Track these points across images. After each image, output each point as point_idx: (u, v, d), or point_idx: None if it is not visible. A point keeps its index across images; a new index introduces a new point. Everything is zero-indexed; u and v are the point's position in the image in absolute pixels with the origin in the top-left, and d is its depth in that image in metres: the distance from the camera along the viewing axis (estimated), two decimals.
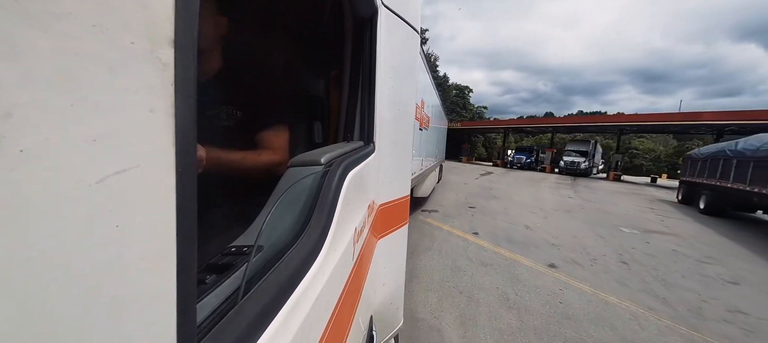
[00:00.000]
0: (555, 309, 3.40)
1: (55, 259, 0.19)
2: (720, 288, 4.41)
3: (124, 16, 0.22)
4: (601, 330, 3.03)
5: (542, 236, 6.33)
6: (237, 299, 0.42)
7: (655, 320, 3.35)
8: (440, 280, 3.94)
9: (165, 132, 0.26)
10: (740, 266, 5.48)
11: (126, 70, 0.23)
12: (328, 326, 0.66)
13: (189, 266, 0.29)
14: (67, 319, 0.20)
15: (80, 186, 0.21)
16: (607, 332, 3.02)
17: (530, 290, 3.80)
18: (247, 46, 1.15)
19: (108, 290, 0.23)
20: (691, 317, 3.46)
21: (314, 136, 1.23)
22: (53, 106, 0.19)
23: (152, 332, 0.26)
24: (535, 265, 4.68)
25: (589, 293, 3.88)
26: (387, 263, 1.45)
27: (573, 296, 3.75)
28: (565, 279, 4.25)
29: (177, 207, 0.27)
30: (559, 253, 5.34)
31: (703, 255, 5.94)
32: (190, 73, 0.28)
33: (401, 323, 1.65)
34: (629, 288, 4.12)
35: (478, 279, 4.03)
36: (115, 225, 0.23)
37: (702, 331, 3.19)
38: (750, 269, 5.36)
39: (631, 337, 2.97)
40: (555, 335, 2.89)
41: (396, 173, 1.46)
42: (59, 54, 0.19)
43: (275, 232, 0.62)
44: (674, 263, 5.36)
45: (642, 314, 3.45)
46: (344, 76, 1.21)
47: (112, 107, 0.22)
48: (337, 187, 0.77)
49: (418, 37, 1.51)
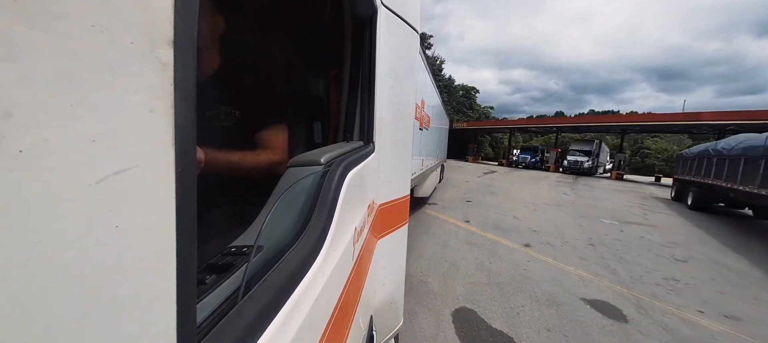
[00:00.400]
0: (519, 273, 4.25)
1: (54, 259, 0.19)
2: (667, 264, 5.15)
3: (123, 16, 0.22)
4: (551, 286, 3.91)
5: (527, 224, 7.08)
6: (237, 299, 0.42)
7: (598, 281, 4.20)
8: (431, 254, 4.78)
9: (165, 132, 0.26)
10: (697, 249, 6.17)
11: (125, 70, 0.23)
12: (328, 326, 0.66)
13: (189, 266, 0.29)
14: (66, 319, 0.20)
15: (80, 186, 0.21)
16: (555, 287, 3.89)
17: (503, 261, 4.67)
18: (247, 46, 1.15)
19: (108, 291, 0.23)
20: (629, 282, 4.26)
21: (314, 136, 1.23)
22: (53, 106, 0.19)
23: (152, 332, 0.26)
24: (512, 245, 5.51)
25: (552, 264, 4.71)
26: (387, 263, 1.45)
27: (537, 266, 4.58)
28: (535, 254, 5.07)
29: (177, 207, 0.27)
30: (537, 237, 6.12)
31: (668, 241, 6.59)
32: (189, 73, 0.28)
33: (401, 323, 1.65)
34: (587, 262, 4.92)
35: (463, 253, 4.89)
36: (115, 225, 0.23)
37: (632, 289, 4.01)
38: (704, 251, 6.04)
39: (573, 291, 3.85)
40: (513, 289, 3.79)
41: (396, 172, 1.46)
42: (59, 54, 0.19)
43: (275, 232, 0.62)
44: (637, 246, 6.05)
45: (589, 278, 4.27)
46: (344, 76, 1.21)
47: (111, 107, 0.22)
48: (336, 187, 0.77)
49: (418, 37, 1.51)
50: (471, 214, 7.81)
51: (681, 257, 5.65)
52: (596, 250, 5.59)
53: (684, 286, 4.32)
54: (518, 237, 5.98)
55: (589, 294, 3.80)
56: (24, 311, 0.18)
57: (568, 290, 3.84)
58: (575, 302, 3.58)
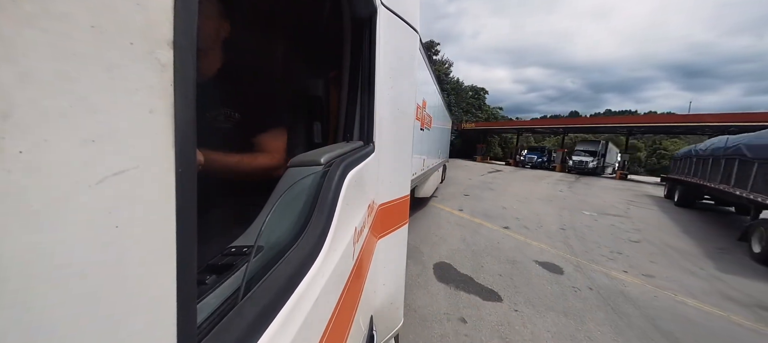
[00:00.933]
0: (492, 245, 5.50)
1: (54, 260, 0.19)
2: (620, 243, 6.14)
3: (122, 16, 0.22)
4: (513, 253, 5.15)
5: (513, 213, 8.15)
6: (237, 300, 0.42)
7: (554, 251, 5.40)
8: (426, 231, 6.05)
9: (164, 133, 0.26)
10: (655, 234, 7.04)
11: (125, 70, 0.23)
12: (329, 327, 0.66)
13: (189, 267, 0.29)
14: (67, 320, 0.20)
15: (80, 187, 0.21)
16: (517, 253, 5.16)
17: (482, 237, 5.92)
18: (246, 47, 1.15)
19: (108, 291, 0.23)
20: (580, 253, 5.39)
21: (314, 136, 1.23)
22: (52, 107, 0.19)
23: (153, 333, 0.26)
24: (494, 227, 6.75)
25: (521, 240, 5.91)
26: (387, 263, 1.45)
27: (508, 240, 5.86)
28: (510, 234, 6.29)
29: (177, 207, 0.27)
30: (518, 222, 7.27)
31: (633, 228, 7.47)
32: (189, 73, 0.28)
33: (401, 323, 1.65)
34: (552, 240, 6.06)
35: (451, 231, 6.16)
36: (115, 226, 0.23)
37: (578, 257, 5.16)
38: (661, 236, 6.90)
39: (530, 256, 5.06)
40: (484, 253, 5.04)
41: (396, 172, 1.46)
42: (58, 55, 0.19)
43: (275, 232, 0.62)
44: (602, 231, 7.03)
45: (547, 249, 5.47)
46: (344, 76, 1.21)
47: (111, 108, 0.22)
48: (336, 187, 0.77)
49: (418, 37, 1.51)
50: (466, 205, 8.90)
51: (636, 239, 6.58)
52: (565, 232, 6.67)
53: (624, 257, 5.37)
54: (501, 222, 7.16)
55: (542, 258, 4.98)
56: (24, 312, 0.18)
57: (526, 255, 5.08)
58: (528, 262, 4.78)
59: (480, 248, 5.22)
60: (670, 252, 5.83)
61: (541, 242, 5.85)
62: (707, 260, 5.56)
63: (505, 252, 5.11)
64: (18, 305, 0.18)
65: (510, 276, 4.22)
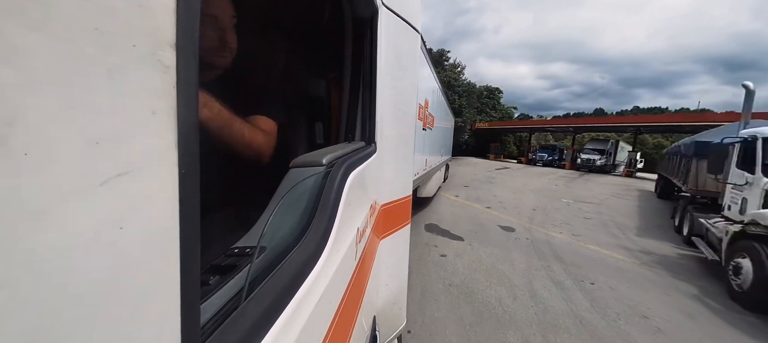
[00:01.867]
0: (472, 217, 7.41)
1: (58, 261, 0.20)
2: (574, 220, 7.59)
3: (125, 18, 0.22)
4: (485, 221, 7.06)
5: (500, 200, 9.69)
6: (240, 300, 0.42)
7: (516, 221, 7.18)
8: (424, 210, 7.65)
9: (167, 134, 0.26)
10: (611, 215, 8.30)
11: (128, 72, 0.23)
12: (331, 327, 0.66)
13: (192, 267, 0.29)
14: (71, 320, 0.21)
15: (84, 188, 0.21)
16: (487, 222, 7.01)
17: (466, 212, 7.83)
18: (246, 48, 1.15)
19: (112, 292, 0.23)
20: (536, 223, 7.06)
21: (316, 136, 1.23)
22: (56, 109, 0.19)
23: (157, 333, 0.26)
24: (479, 207, 8.51)
25: (495, 215, 7.70)
26: (390, 263, 1.45)
27: (486, 215, 7.64)
28: (490, 211, 8.09)
29: (180, 208, 0.27)
30: (501, 205, 8.90)
31: (595, 211, 8.75)
32: (191, 75, 0.28)
33: (404, 324, 1.65)
34: (520, 216, 7.68)
35: (444, 209, 8.03)
36: (119, 227, 0.23)
37: (531, 225, 6.89)
38: (615, 217, 8.17)
39: (495, 223, 6.91)
40: (463, 220, 7.00)
41: (398, 173, 1.46)
42: (61, 57, 0.19)
43: (278, 233, 0.63)
44: (567, 212, 8.49)
45: (513, 220, 7.26)
46: (345, 77, 1.21)
47: (114, 110, 0.22)
48: (338, 187, 0.77)
49: (419, 37, 1.51)
50: (463, 193, 10.60)
51: (590, 217, 8.03)
52: (534, 212, 8.23)
53: (569, 227, 6.94)
54: (486, 204, 8.92)
55: (504, 224, 6.85)
56: (28, 313, 0.19)
57: (493, 223, 6.97)
58: (492, 226, 6.69)
59: (462, 218, 7.20)
60: (610, 225, 7.27)
61: (510, 216, 7.62)
62: (636, 230, 7.03)
63: (478, 220, 7.12)
64: (23, 305, 0.18)
65: (475, 231, 6.21)
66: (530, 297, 3.67)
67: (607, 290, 3.97)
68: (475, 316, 3.24)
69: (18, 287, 0.18)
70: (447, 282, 3.96)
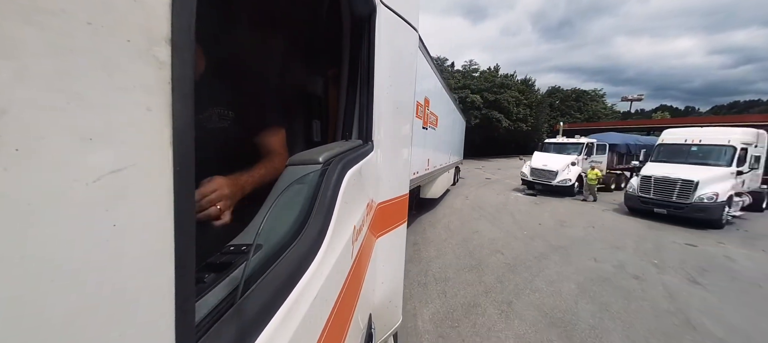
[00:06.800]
0: (480, 181, 13.66)
1: (52, 258, 0.19)
2: (538, 217, 7.94)
3: (120, 13, 0.22)
4: (478, 204, 9.38)
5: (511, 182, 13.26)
6: (236, 298, 0.42)
7: (487, 210, 8.51)
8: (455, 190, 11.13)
9: (162, 130, 0.26)
10: (573, 208, 9.19)
11: (122, 68, 0.23)
12: (327, 325, 0.66)
13: (187, 265, 0.29)
14: (64, 318, 0.20)
15: (77, 185, 0.20)
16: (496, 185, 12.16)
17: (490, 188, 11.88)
18: (243, 46, 1.14)
19: (106, 289, 0.23)
20: (500, 214, 7.98)
21: (313, 134, 1.23)
22: (49, 105, 0.19)
23: (151, 331, 0.26)
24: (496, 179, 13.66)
25: (497, 183, 12.90)
26: (386, 261, 1.45)
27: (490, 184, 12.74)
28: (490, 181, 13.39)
29: (175, 205, 0.27)
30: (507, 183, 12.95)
31: (562, 207, 9.78)
32: (187, 71, 0.27)
33: (400, 321, 1.65)
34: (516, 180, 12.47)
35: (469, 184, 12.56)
36: (113, 224, 0.23)
37: (499, 219, 7.49)
38: (578, 210, 8.93)
39: (479, 207, 8.75)
40: (452, 209, 8.48)
41: (395, 171, 1.46)
42: (55, 51, 0.19)
43: (274, 230, 0.62)
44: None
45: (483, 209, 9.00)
46: (342, 75, 1.20)
47: (108, 105, 0.22)
48: (335, 185, 0.76)
49: (417, 36, 1.51)
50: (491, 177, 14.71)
51: (557, 216, 8.75)
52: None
53: (538, 225, 7.42)
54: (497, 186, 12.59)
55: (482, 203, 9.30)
56: (22, 310, 0.18)
57: (476, 208, 8.65)
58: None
59: (459, 209, 8.48)
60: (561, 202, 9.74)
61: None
62: (594, 206, 9.17)
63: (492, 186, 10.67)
64: (16, 303, 0.18)
65: (474, 206, 8.74)
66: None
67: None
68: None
69: (9, 284, 0.18)
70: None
